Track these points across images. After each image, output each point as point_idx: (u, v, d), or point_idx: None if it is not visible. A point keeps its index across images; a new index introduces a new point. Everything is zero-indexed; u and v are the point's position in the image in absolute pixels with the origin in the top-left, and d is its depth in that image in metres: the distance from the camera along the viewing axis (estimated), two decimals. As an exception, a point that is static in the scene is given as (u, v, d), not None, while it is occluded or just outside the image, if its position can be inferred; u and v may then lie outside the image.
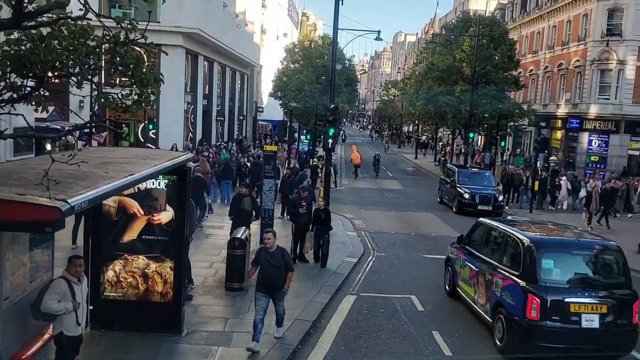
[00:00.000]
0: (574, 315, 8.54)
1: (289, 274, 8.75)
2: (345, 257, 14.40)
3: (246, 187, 13.93)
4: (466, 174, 25.05)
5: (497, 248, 10.33)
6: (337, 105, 17.28)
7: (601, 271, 9.34)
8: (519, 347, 8.92)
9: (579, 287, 8.80)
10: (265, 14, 55.09)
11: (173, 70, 30.00)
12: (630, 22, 34.77)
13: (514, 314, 8.91)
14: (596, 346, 8.72)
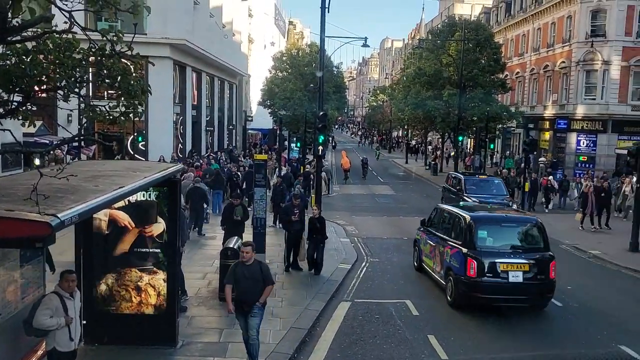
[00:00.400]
0: (503, 273, 10.98)
1: (267, 287, 8.03)
2: (339, 264, 14.38)
3: (238, 198, 13.90)
4: (474, 182, 23.10)
5: (448, 226, 12.77)
6: (327, 112, 17.32)
7: (524, 239, 11.81)
8: (464, 300, 11.34)
9: (506, 251, 11.39)
10: (252, 24, 55.16)
11: (161, 82, 29.93)
12: (614, 22, 35.14)
13: (459, 274, 11.35)
14: (522, 296, 11.17)
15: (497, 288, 10.95)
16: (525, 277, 10.97)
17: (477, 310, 11.16)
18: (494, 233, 11.65)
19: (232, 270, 8.14)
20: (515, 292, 11.04)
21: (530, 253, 11.36)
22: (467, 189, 22.12)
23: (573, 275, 14.66)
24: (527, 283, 10.98)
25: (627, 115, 35.20)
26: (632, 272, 15.04)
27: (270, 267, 13.60)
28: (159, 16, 29.22)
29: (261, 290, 7.94)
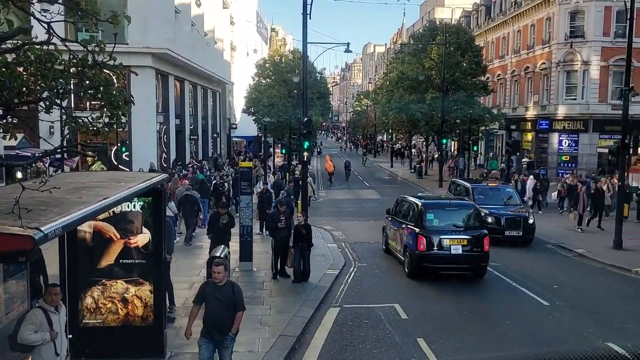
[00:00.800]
0: (447, 247, 13.59)
1: (238, 313, 7.28)
2: (326, 270, 14.35)
3: (225, 207, 13.83)
4: (483, 191, 20.27)
5: (406, 212, 15.45)
6: (311, 118, 17.34)
7: (463, 220, 14.51)
8: (416, 270, 13.91)
9: (449, 229, 14.06)
10: (234, 31, 55.10)
11: (144, 91, 29.74)
12: (592, 23, 35.67)
13: (413, 249, 13.93)
14: (462, 265, 13.85)
15: (442, 259, 13.69)
16: (464, 249, 13.64)
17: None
18: (439, 216, 14.63)
19: (201, 289, 7.49)
20: (457, 261, 13.77)
21: (468, 231, 14.06)
22: (476, 200, 18.74)
23: (559, 274, 14.82)
24: (466, 254, 13.66)
25: (607, 115, 35.64)
26: (616, 270, 15.22)
27: (258, 275, 13.69)
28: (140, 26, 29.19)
29: (232, 316, 7.23)
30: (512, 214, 18.69)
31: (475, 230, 14.08)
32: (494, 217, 18.26)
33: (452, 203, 16.55)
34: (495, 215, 18.34)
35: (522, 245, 18.13)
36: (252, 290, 12.46)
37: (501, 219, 18.26)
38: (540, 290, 12.89)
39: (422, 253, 13.64)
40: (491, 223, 17.82)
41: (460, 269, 13.97)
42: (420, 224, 14.17)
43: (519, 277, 14.17)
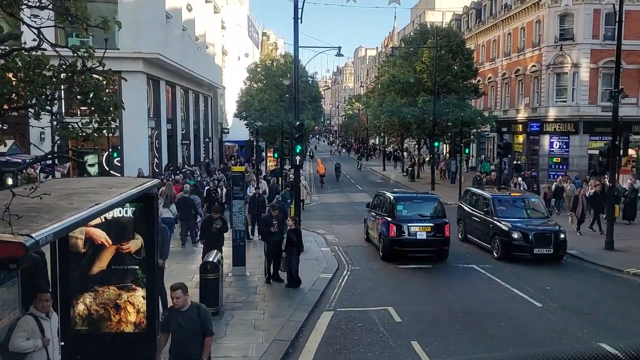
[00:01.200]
0: (413, 233, 15.87)
1: (206, 339, 6.74)
2: (320, 274, 14.33)
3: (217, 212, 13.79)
4: (505, 202, 17.97)
5: (381, 205, 17.76)
6: (303, 122, 17.34)
7: (428, 210, 16.91)
8: (388, 253, 16.07)
9: (416, 218, 16.40)
10: (225, 36, 55.06)
11: (135, 97, 29.64)
12: (581, 26, 35.94)
13: (385, 235, 16.14)
14: (426, 248, 16.12)
15: (409, 243, 15.96)
16: (428, 235, 15.99)
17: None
18: (408, 207, 16.91)
19: (166, 317, 7.04)
20: (422, 245, 16.07)
21: (432, 219, 16.45)
22: (498, 212, 17.23)
23: (551, 275, 14.89)
24: (430, 239, 16.00)
25: (597, 116, 35.87)
26: (608, 270, 15.30)
27: (252, 280, 13.65)
28: (131, 31, 29.13)
29: (200, 343, 6.69)
30: (542, 228, 16.51)
31: (438, 219, 16.46)
32: (519, 233, 16.13)
33: (419, 196, 18.78)
34: (521, 230, 16.22)
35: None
36: (246, 294, 12.44)
37: (529, 235, 16.05)
38: (533, 292, 12.95)
39: (392, 238, 15.97)
40: (517, 239, 16.09)
41: (425, 251, 16.26)
42: (391, 214, 16.58)
43: (512, 278, 14.22)
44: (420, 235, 15.91)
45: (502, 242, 16.39)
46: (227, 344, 9.62)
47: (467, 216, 19.22)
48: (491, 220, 17.24)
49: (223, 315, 10.91)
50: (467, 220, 19.23)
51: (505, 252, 16.25)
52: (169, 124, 35.88)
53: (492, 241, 16.98)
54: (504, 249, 16.32)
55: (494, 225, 16.92)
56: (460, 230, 19.46)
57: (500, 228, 16.66)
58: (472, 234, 18.65)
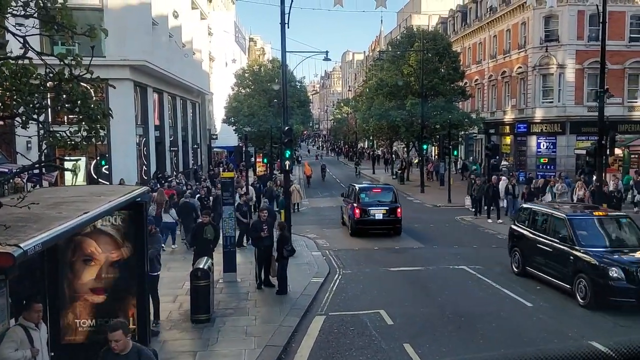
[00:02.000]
0: (372, 214, 20.61)
1: None
2: (311, 278, 14.30)
3: (207, 215, 13.74)
4: (589, 225, 13.39)
5: (351, 194, 22.59)
6: (292, 127, 17.34)
7: (384, 197, 21.67)
8: (354, 230, 20.72)
9: (375, 203, 21.04)
10: (212, 42, 55.03)
11: (122, 104, 29.52)
12: (566, 27, 36.30)
13: (352, 217, 20.80)
14: (382, 226, 20.82)
15: (369, 222, 20.79)
16: (383, 216, 20.89)
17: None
18: (369, 195, 21.86)
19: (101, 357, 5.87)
20: (379, 224, 20.91)
21: (386, 204, 21.34)
22: (582, 238, 12.66)
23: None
24: (385, 219, 20.90)
25: (584, 117, 36.21)
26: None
27: (243, 286, 13.61)
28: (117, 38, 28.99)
29: None
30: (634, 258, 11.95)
31: (392, 204, 21.37)
32: (619, 269, 11.51)
33: (377, 186, 24.42)
34: (621, 264, 11.63)
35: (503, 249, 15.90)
36: (237, 301, 12.40)
37: (635, 273, 11.40)
38: (524, 292, 13.01)
39: (357, 219, 20.75)
40: (617, 279, 11.46)
41: (382, 228, 20.95)
42: (357, 200, 21.19)
43: (502, 279, 14.28)
44: (378, 216, 20.92)
45: (593, 282, 11.71)
46: (219, 350, 9.58)
47: (528, 243, 14.47)
48: (571, 250, 12.55)
49: (215, 322, 10.86)
50: (526, 249, 14.53)
51: (598, 298, 11.65)
52: (157, 131, 35.75)
53: (574, 281, 12.31)
54: (596, 292, 11.65)
55: (577, 258, 12.27)
56: (516, 260, 14.94)
57: (587, 262, 12.04)
58: (537, 267, 13.93)
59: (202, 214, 14.16)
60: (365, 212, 20.66)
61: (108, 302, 8.35)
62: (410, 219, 25.01)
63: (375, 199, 21.54)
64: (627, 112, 36.96)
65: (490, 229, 22.27)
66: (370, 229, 20.75)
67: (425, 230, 22.30)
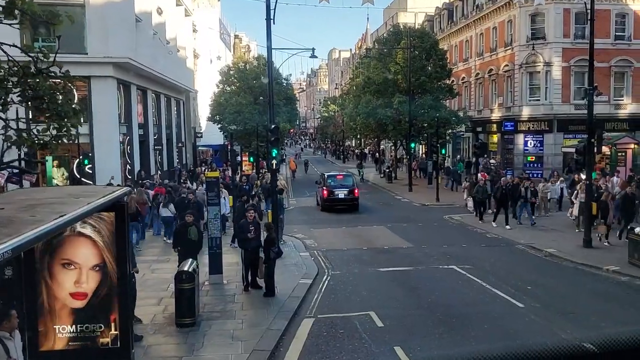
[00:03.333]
0: (336, 194, 27.56)
1: None
2: (299, 279, 14.00)
3: (191, 215, 13.40)
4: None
5: (321, 181, 29.43)
6: (278, 125, 17.00)
7: (345, 181, 28.76)
8: (324, 206, 27.86)
9: (337, 186, 28.08)
10: (197, 39, 54.43)
11: (105, 102, 29.03)
12: (552, 25, 36.33)
13: (322, 197, 28.10)
14: (344, 203, 27.49)
15: (334, 200, 27.44)
16: (344, 195, 27.50)
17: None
18: (333, 180, 28.91)
19: None
20: (341, 201, 27.46)
21: (347, 187, 28.04)
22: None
23: (532, 274, 14.81)
24: (345, 197, 27.48)
25: (570, 115, 36.30)
26: (587, 268, 15.27)
27: (229, 288, 13.28)
28: (100, 35, 28.56)
29: None
30: None
31: (351, 187, 28.25)
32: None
33: (340, 174, 31.40)
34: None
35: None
36: (223, 304, 12.07)
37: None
38: (515, 292, 12.81)
39: (325, 198, 27.83)
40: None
41: (343, 205, 27.50)
42: (324, 184, 28.49)
43: (492, 278, 14.09)
44: (341, 195, 27.79)
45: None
46: (204, 355, 9.28)
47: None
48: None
49: (200, 325, 10.55)
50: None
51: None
52: (141, 130, 35.20)
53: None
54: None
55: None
56: None
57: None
58: None
59: (186, 214, 13.79)
60: (331, 193, 27.85)
61: (88, 307, 7.99)
62: (399, 218, 24.89)
63: (339, 183, 28.69)
64: (613, 110, 37.09)
65: (479, 228, 22.11)
66: (335, 205, 27.52)
67: (414, 230, 22.12)
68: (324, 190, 27.84)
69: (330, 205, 27.41)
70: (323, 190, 27.91)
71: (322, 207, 27.92)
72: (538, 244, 18.26)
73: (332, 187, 28.05)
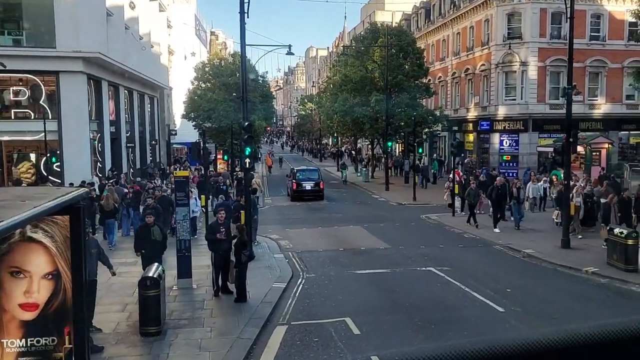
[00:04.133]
0: (304, 186, 31.50)
1: None
2: (273, 283, 13.44)
3: (151, 216, 12.76)
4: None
5: (291, 174, 33.70)
6: (252, 122, 16.41)
7: (312, 175, 32.77)
8: (293, 196, 31.81)
9: (305, 179, 31.97)
10: (171, 35, 53.42)
11: (75, 98, 28.11)
12: (529, 25, 36.35)
13: (291, 188, 32.30)
14: (310, 194, 31.35)
15: (302, 191, 31.15)
16: (311, 187, 31.19)
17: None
18: (302, 174, 32.48)
19: None
20: (308, 192, 31.07)
21: (313, 180, 31.65)
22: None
23: (511, 276, 14.51)
24: (312, 189, 31.13)
25: (545, 114, 36.43)
26: (567, 270, 15.03)
27: (198, 293, 12.68)
28: (69, 29, 27.62)
29: None
30: None
31: (317, 180, 31.91)
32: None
33: (308, 169, 35.30)
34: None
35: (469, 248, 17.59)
36: (192, 310, 11.48)
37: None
38: (494, 295, 12.45)
39: (294, 189, 31.53)
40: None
41: (310, 195, 31.13)
42: (294, 177, 32.19)
43: (471, 281, 13.72)
44: (308, 187, 31.60)
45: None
46: (170, 367, 8.70)
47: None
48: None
49: (166, 334, 9.95)
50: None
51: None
52: (113, 127, 34.28)
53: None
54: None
55: None
56: None
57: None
58: None
59: (147, 214, 13.15)
60: (300, 185, 31.59)
61: (40, 319, 7.33)
62: (376, 218, 24.51)
63: (306, 176, 32.52)
64: (588, 109, 37.27)
65: (456, 227, 21.82)
66: (303, 195, 31.23)
67: (391, 230, 21.75)
68: (293, 183, 31.65)
69: (299, 195, 31.14)
70: (293, 183, 31.75)
71: (292, 197, 31.75)
72: (516, 245, 18.00)
73: (300, 180, 31.75)
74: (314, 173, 32.92)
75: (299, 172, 32.99)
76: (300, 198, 30.88)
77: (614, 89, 37.82)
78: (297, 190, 31.24)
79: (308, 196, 30.88)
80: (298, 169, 33.98)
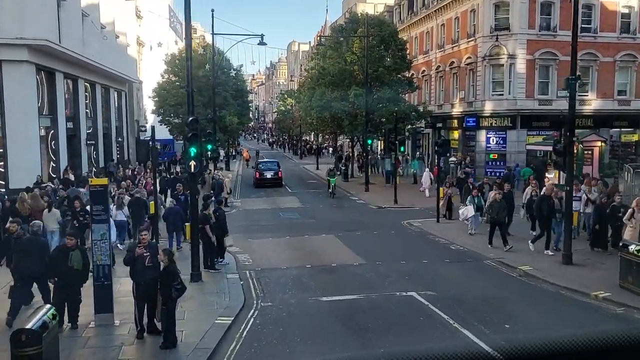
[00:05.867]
0: (265, 175, 37.97)
1: None
2: (216, 318, 10.75)
3: (73, 237, 10.19)
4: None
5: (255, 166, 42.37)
6: (197, 118, 13.78)
7: (272, 166, 39.44)
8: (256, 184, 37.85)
9: (266, 169, 38.86)
10: (141, 25, 50.46)
11: (20, 90, 25.29)
12: (517, 16, 34.19)
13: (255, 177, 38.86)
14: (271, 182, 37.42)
15: (264, 179, 37.38)
16: (271, 176, 37.57)
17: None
18: (264, 165, 39.72)
19: None
20: (269, 180, 37.18)
21: (273, 170, 38.24)
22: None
23: (508, 304, 12.04)
24: (272, 178, 37.43)
25: (534, 110, 34.39)
26: (572, 293, 12.55)
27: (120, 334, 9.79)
28: (13, 13, 24.83)
29: None
30: None
31: (277, 170, 37.72)
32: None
33: (269, 161, 41.48)
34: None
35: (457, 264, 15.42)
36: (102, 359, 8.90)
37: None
38: (490, 334, 9.90)
39: (257, 178, 37.45)
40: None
41: (271, 183, 36.51)
42: (257, 168, 39.06)
43: (461, 311, 11.23)
44: (268, 176, 37.14)
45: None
46: None
47: None
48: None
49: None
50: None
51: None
52: (70, 123, 31.45)
53: None
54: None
55: None
56: None
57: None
58: None
59: (67, 235, 10.54)
60: (262, 174, 37.46)
61: None
62: (352, 224, 22.12)
63: (267, 167, 38.70)
64: (577, 106, 34.77)
65: (441, 236, 19.45)
66: (264, 183, 36.53)
67: (368, 240, 19.31)
68: (256, 173, 38.34)
69: (261, 182, 36.84)
70: (256, 172, 38.57)
71: (255, 185, 37.07)
72: (510, 260, 15.60)
73: (262, 170, 38.24)
74: (274, 165, 39.15)
75: (261, 164, 40.46)
76: (261, 185, 36.46)
77: (605, 84, 35.85)
78: (260, 178, 37.25)
79: (268, 183, 36.61)
80: (261, 162, 42.15)
